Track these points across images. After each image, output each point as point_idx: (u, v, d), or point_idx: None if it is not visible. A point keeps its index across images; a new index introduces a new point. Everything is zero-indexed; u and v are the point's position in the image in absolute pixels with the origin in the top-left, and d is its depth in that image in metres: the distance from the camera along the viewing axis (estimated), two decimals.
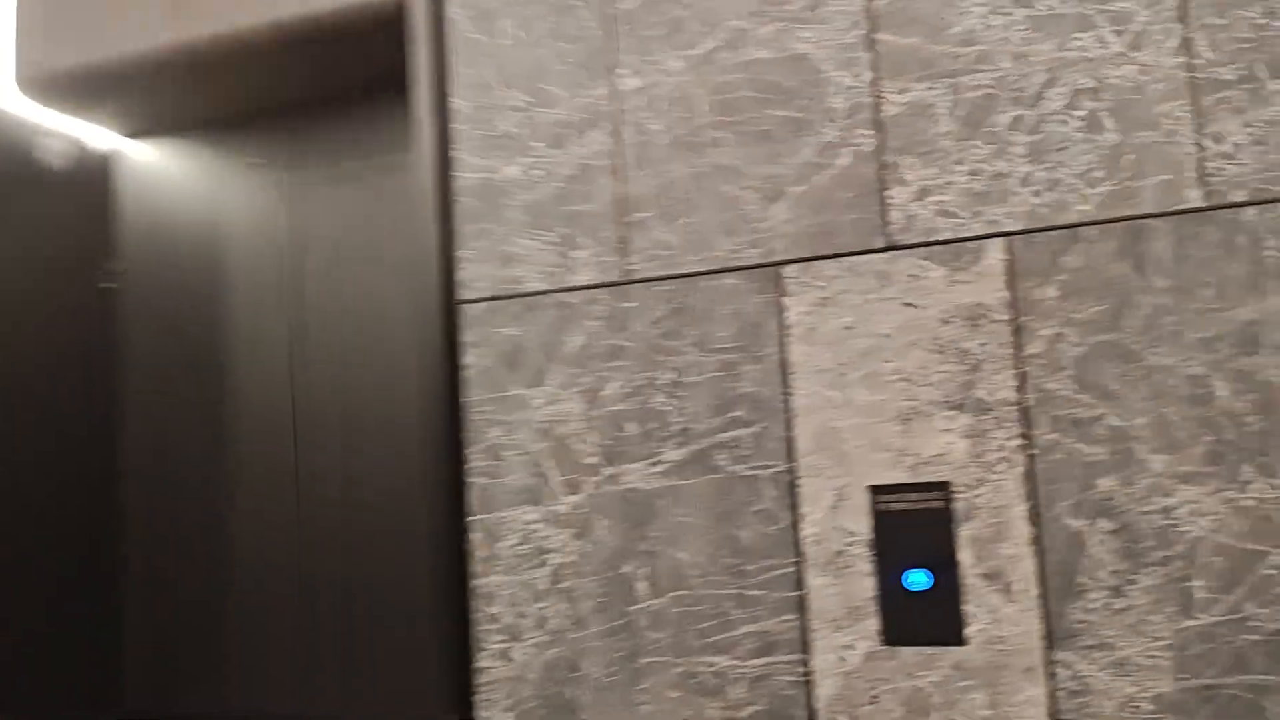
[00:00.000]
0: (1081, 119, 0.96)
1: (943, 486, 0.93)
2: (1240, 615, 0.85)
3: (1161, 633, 0.87)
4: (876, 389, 0.97)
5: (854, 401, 0.98)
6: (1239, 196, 0.90)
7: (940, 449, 0.95)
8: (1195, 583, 0.87)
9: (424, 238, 1.06)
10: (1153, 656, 0.87)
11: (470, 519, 1.05)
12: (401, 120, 1.14)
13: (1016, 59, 0.98)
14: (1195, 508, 0.88)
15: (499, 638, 1.02)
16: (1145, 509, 0.89)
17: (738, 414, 1.00)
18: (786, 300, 1.01)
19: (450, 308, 1.07)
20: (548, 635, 1.01)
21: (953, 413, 0.95)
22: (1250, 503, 0.86)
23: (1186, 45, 0.93)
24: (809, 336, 1.00)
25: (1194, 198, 0.92)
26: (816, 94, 1.04)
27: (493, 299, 1.08)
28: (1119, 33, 0.95)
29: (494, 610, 1.02)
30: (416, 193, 1.06)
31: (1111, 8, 0.96)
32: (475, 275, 1.09)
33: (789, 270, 1.02)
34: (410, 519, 1.14)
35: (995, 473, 0.93)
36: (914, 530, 0.92)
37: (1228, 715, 0.84)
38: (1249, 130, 0.91)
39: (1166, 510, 0.88)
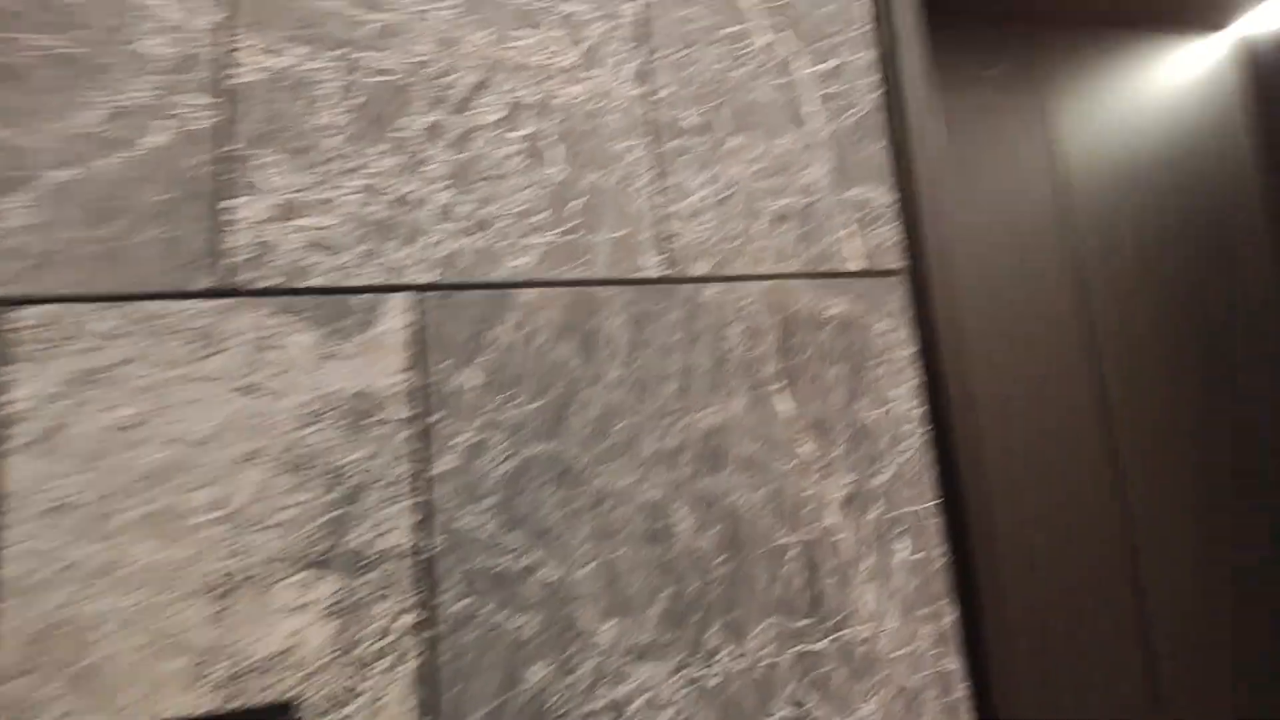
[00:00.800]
0: (522, 141, 0.78)
1: (284, 710, 0.61)
2: None
3: None
4: (170, 539, 0.62)
5: (124, 564, 0.61)
6: (701, 269, 0.81)
7: (282, 643, 0.63)
8: None
9: None
10: None
11: None
12: None
13: (441, 44, 0.78)
14: (653, 697, 0.70)
15: None
16: (591, 707, 0.68)
17: None
18: (8, 371, 0.61)
19: None
20: None
21: (309, 575, 0.64)
22: (717, 679, 0.71)
23: (646, 74, 0.84)
24: (47, 440, 0.61)
25: (653, 265, 0.79)
26: (122, 25, 0.70)
27: None
28: (572, 41, 0.82)
29: None
30: None
31: (566, 6, 0.82)
32: None
33: (21, 315, 0.63)
34: None
35: (374, 674, 0.64)
36: None
37: None
38: (711, 189, 0.83)
39: (618, 706, 0.69)
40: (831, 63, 0.89)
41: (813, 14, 0.90)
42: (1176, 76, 1.39)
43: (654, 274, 0.77)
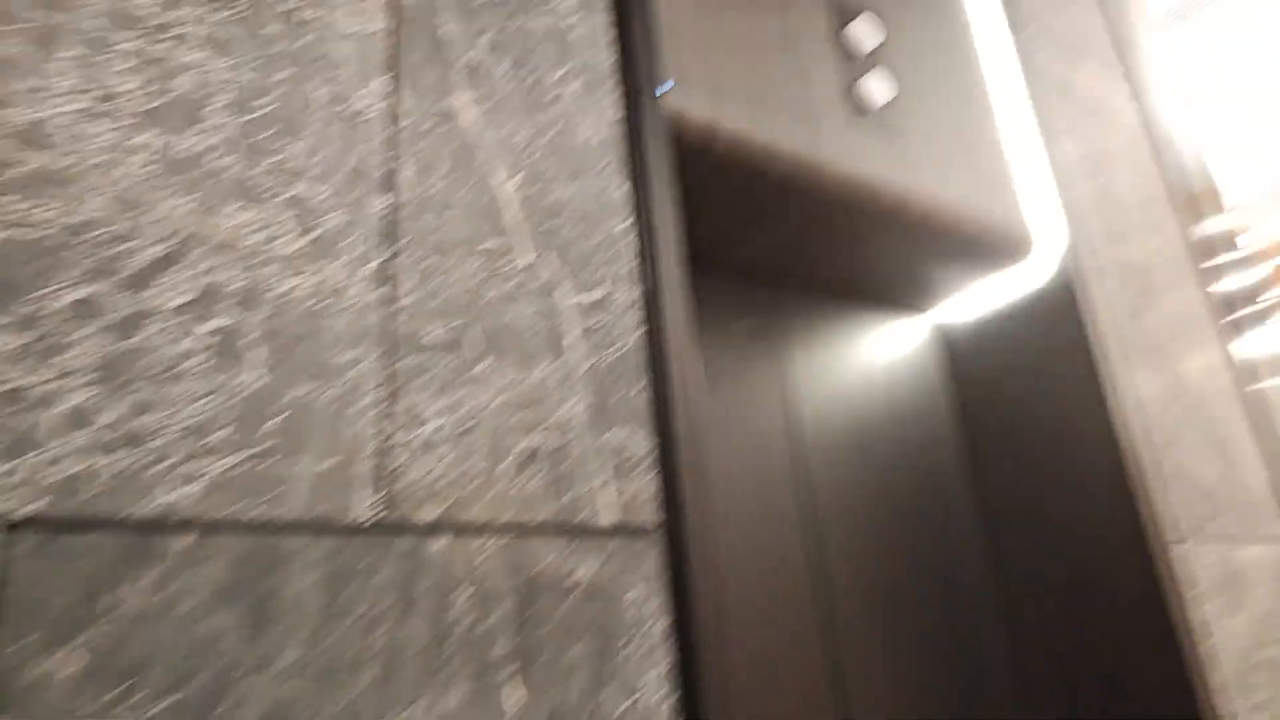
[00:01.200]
0: (212, 335, 0.63)
1: None
2: None
3: None
4: None
5: None
6: (427, 515, 0.67)
7: None
8: None
9: None
10: None
11: None
12: None
13: (123, 204, 0.62)
14: None
15: None
16: None
17: None
18: None
19: None
20: None
21: None
22: None
23: (388, 277, 0.73)
24: None
25: (365, 506, 0.64)
26: None
27: None
28: (302, 227, 0.70)
29: None
30: None
31: (299, 188, 0.71)
32: None
33: None
34: None
35: None
36: None
37: None
38: (450, 417, 0.71)
39: None
40: (595, 294, 0.84)
41: (580, 242, 0.85)
42: (891, 347, 1.53)
43: (364, 518, 0.62)
